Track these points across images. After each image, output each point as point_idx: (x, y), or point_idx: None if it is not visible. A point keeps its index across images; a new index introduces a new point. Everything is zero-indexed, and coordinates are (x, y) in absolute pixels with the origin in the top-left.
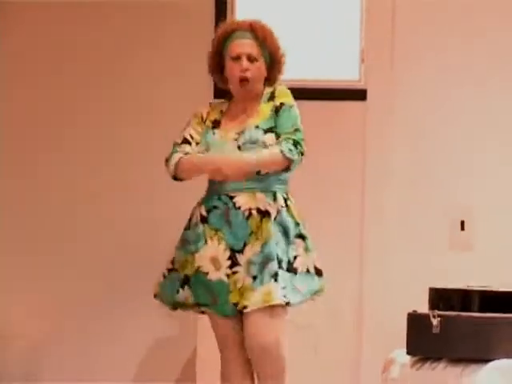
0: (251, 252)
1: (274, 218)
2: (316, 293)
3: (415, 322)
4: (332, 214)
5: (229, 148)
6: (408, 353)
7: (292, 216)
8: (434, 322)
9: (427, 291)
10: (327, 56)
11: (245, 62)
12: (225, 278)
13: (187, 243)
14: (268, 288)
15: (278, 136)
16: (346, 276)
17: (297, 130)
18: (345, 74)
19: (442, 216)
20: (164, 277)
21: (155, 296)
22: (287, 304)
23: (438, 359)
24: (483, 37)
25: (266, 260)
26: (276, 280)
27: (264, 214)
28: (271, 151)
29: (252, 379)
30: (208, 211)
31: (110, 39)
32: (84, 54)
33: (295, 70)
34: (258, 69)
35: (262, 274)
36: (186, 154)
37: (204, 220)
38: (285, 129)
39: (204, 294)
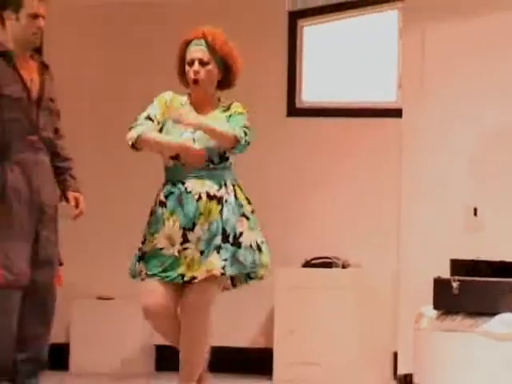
0: (200, 230)
1: (225, 201)
2: (258, 266)
3: (440, 285)
4: (375, 208)
5: (185, 137)
6: (434, 308)
7: (238, 199)
8: (454, 285)
9: (449, 262)
10: (372, 82)
11: (196, 66)
12: (176, 254)
13: (150, 226)
14: (211, 260)
15: None
16: (386, 250)
17: (245, 127)
18: (385, 96)
19: (460, 205)
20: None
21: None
22: (223, 274)
23: (456, 313)
24: (500, 63)
25: (212, 236)
26: (218, 252)
27: (212, 197)
28: (225, 127)
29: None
30: (166, 197)
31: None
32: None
33: (347, 93)
34: (209, 72)
35: (208, 248)
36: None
37: (162, 204)
38: (235, 123)
39: (155, 265)
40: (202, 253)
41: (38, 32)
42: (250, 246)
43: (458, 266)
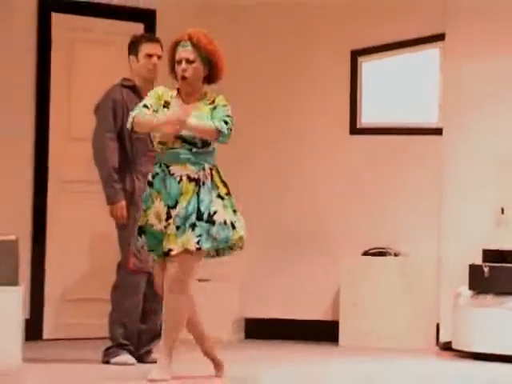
0: (179, 208)
1: (203, 183)
2: (231, 240)
3: (474, 270)
4: (421, 208)
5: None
6: (469, 289)
7: (214, 182)
8: (485, 270)
9: (481, 251)
10: (417, 106)
11: (183, 65)
12: (163, 229)
13: (143, 203)
14: (187, 236)
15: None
16: (430, 242)
17: (227, 116)
18: (428, 118)
19: (489, 205)
20: None
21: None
22: (199, 249)
23: (487, 293)
24: None
25: (188, 215)
26: (193, 230)
27: (191, 179)
28: (207, 122)
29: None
30: (153, 177)
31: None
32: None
33: (399, 115)
34: (195, 69)
35: (184, 225)
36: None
37: (150, 184)
38: (218, 115)
39: (153, 242)
40: (177, 228)
41: (153, 68)
42: (224, 222)
43: (488, 255)
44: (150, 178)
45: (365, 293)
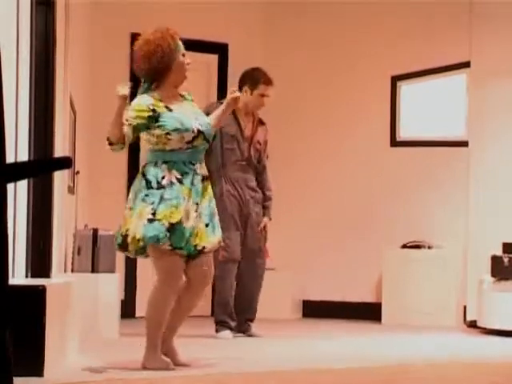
0: (202, 206)
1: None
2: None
3: (495, 260)
4: (452, 209)
5: (193, 124)
6: (491, 276)
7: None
8: (505, 260)
9: (501, 244)
10: (447, 122)
11: (188, 59)
12: (193, 225)
13: (166, 199)
14: (218, 235)
15: None
16: (459, 237)
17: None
18: (456, 132)
19: (509, 205)
20: (144, 225)
21: (139, 240)
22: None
23: (506, 279)
24: None
25: (212, 213)
26: (219, 227)
27: (205, 178)
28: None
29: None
30: (182, 175)
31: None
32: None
33: (431, 130)
34: None
35: (212, 223)
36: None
37: (180, 181)
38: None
39: (179, 239)
40: (206, 225)
41: (261, 107)
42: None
43: (507, 247)
44: (177, 175)
45: (404, 280)
